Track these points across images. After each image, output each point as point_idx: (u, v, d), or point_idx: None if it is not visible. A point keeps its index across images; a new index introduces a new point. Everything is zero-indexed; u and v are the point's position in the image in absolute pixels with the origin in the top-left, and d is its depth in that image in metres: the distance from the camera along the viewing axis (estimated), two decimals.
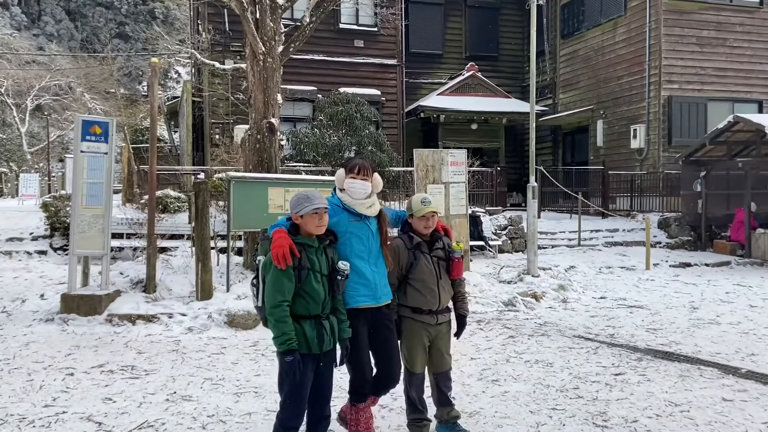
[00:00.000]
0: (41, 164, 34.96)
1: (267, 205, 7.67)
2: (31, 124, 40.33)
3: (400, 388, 3.68)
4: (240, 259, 8.78)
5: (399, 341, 3.59)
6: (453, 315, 3.83)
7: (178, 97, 20.64)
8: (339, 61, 16.65)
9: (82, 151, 6.90)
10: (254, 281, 3.16)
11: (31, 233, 11.05)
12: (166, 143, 23.83)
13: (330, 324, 3.14)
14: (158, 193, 11.83)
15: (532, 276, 9.29)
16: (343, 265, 3.13)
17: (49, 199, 11.14)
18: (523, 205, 17.59)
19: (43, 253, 10.41)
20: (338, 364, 3.27)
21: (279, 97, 8.69)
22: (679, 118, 14.94)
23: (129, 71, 53.31)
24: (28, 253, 10.35)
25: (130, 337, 6.29)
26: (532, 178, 9.78)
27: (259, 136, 8.34)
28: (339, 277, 3.12)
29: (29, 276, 9.04)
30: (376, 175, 3.53)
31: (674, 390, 4.72)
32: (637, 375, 5.10)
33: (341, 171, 3.47)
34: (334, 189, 3.47)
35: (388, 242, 3.53)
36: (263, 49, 8.24)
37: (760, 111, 15.08)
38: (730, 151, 13.21)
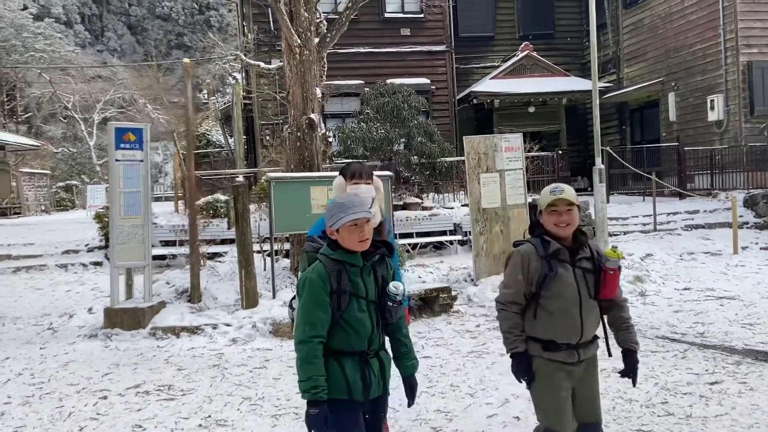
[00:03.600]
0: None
1: (310, 205, 7.24)
2: (100, 137, 42.01)
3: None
4: (287, 263, 8.41)
5: (529, 390, 2.73)
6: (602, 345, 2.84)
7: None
8: (385, 51, 16.14)
9: (117, 160, 6.67)
10: (292, 302, 2.61)
11: (86, 245, 11.13)
12: (222, 148, 24.03)
13: (380, 363, 2.45)
14: (208, 197, 11.72)
15: None
16: (395, 288, 2.41)
17: (102, 210, 11.17)
18: (589, 189, 16.52)
19: (98, 264, 10.43)
20: (408, 404, 2.59)
21: (318, 91, 8.25)
22: (761, 85, 13.53)
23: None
24: (84, 265, 10.39)
25: (172, 351, 6.00)
26: (598, 160, 8.93)
27: (299, 134, 7.92)
28: (390, 304, 2.41)
29: (81, 289, 9.01)
30: (377, 178, 3.14)
31: None
32: (737, 383, 4.32)
33: (339, 179, 3.09)
34: (331, 200, 3.05)
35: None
36: (298, 41, 7.80)
37: None
38: None
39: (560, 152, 14.34)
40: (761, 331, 5.67)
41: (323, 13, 11.19)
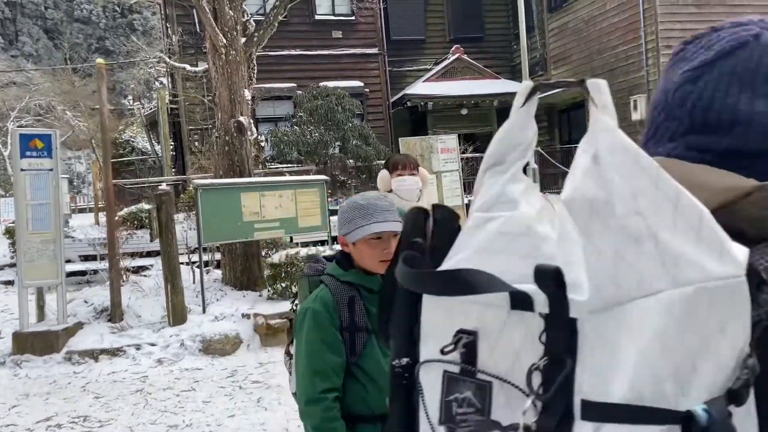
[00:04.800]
0: None
1: (241, 213, 6.89)
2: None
3: None
4: (219, 274, 7.99)
5: None
6: None
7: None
8: (317, 54, 15.84)
9: (22, 170, 6.09)
10: (289, 348, 2.06)
11: None
12: (149, 155, 23.04)
13: None
14: (132, 207, 11.07)
15: None
16: None
17: (11, 224, 10.33)
18: None
19: (9, 283, 9.59)
20: None
21: (247, 93, 7.89)
22: None
23: (112, 85, 52.54)
24: None
25: (90, 377, 5.50)
26: (532, 161, 8.98)
27: (227, 138, 7.54)
28: None
29: None
30: (422, 169, 2.94)
31: None
32: None
33: (384, 172, 2.90)
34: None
35: None
36: (224, 41, 7.43)
37: None
38: None
39: None
40: None
41: (251, 14, 10.81)
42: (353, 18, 16.17)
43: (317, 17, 15.94)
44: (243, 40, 7.78)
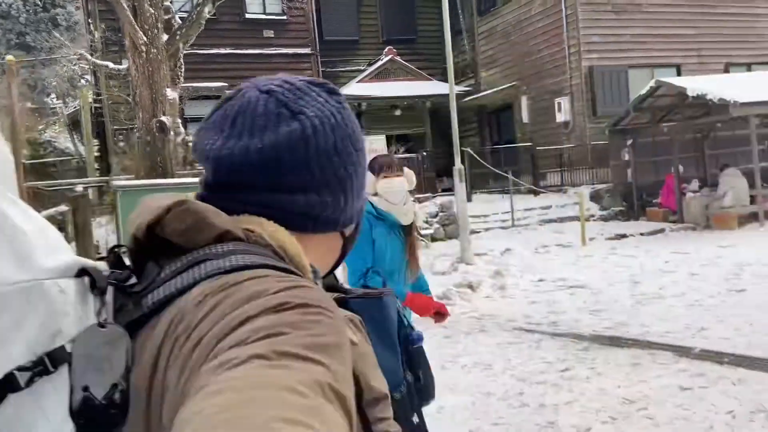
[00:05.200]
0: None
1: None
2: None
3: None
4: None
5: None
6: None
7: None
8: (248, 53, 15.62)
9: None
10: None
11: None
12: (71, 156, 22.07)
13: None
14: (51, 210, 10.59)
15: (467, 264, 8.73)
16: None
17: None
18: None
19: None
20: None
21: (170, 92, 7.71)
22: (601, 87, 14.77)
23: (33, 83, 49.97)
24: None
25: None
26: (458, 161, 9.22)
27: (149, 138, 7.35)
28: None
29: None
30: (407, 169, 2.77)
31: (628, 383, 4.17)
32: (586, 369, 4.53)
33: (368, 175, 2.70)
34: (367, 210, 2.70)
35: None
36: (144, 38, 7.24)
37: (679, 75, 15.09)
38: (654, 118, 13.10)
39: (425, 154, 14.71)
40: (607, 316, 6.05)
41: (176, 11, 10.56)
42: (285, 18, 16.05)
43: (248, 16, 15.73)
44: (165, 37, 7.61)
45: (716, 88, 10.83)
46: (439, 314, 2.72)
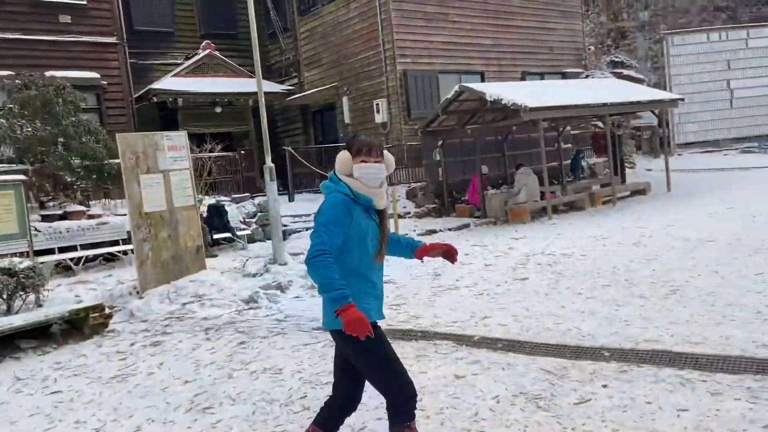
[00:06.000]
0: None
1: None
2: None
3: None
4: None
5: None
6: None
7: None
8: (42, 39, 13.96)
9: None
10: None
11: None
12: None
13: None
14: None
15: (280, 264, 8.56)
16: None
17: None
18: (281, 189, 16.88)
19: None
20: None
21: None
22: (415, 91, 15.46)
23: None
24: None
25: None
26: (268, 159, 9.03)
27: None
28: None
29: None
30: (387, 153, 2.77)
31: (410, 375, 4.28)
32: None
33: (345, 154, 2.66)
34: (334, 175, 2.68)
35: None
36: None
37: (483, 81, 16.32)
38: (460, 120, 14.00)
39: (243, 152, 14.28)
40: (405, 310, 6.25)
41: None
42: (84, 2, 14.58)
43: None
44: None
45: (510, 94, 11.82)
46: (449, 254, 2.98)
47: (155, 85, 15.78)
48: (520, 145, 15.23)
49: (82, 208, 10.17)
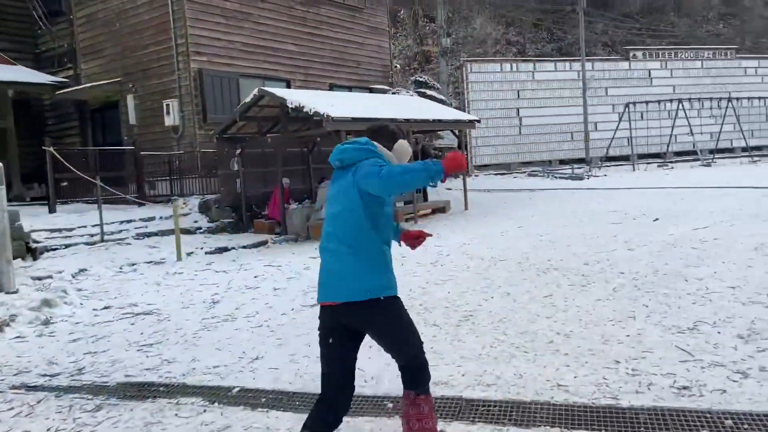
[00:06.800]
0: None
1: None
2: None
3: None
4: None
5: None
6: None
7: None
8: None
9: None
10: None
11: None
12: None
13: None
14: None
15: (6, 293, 6.66)
16: None
17: None
18: (41, 197, 14.34)
19: None
20: None
21: None
22: (212, 93, 14.01)
23: None
24: None
25: None
26: None
27: None
28: None
29: None
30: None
31: None
32: None
33: (403, 142, 2.91)
34: (370, 147, 2.84)
35: None
36: None
37: (289, 88, 15.39)
38: (261, 128, 12.89)
39: None
40: (157, 351, 4.95)
41: None
42: None
43: None
44: None
45: (313, 103, 11.03)
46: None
47: None
48: (327, 157, 14.52)
49: None
